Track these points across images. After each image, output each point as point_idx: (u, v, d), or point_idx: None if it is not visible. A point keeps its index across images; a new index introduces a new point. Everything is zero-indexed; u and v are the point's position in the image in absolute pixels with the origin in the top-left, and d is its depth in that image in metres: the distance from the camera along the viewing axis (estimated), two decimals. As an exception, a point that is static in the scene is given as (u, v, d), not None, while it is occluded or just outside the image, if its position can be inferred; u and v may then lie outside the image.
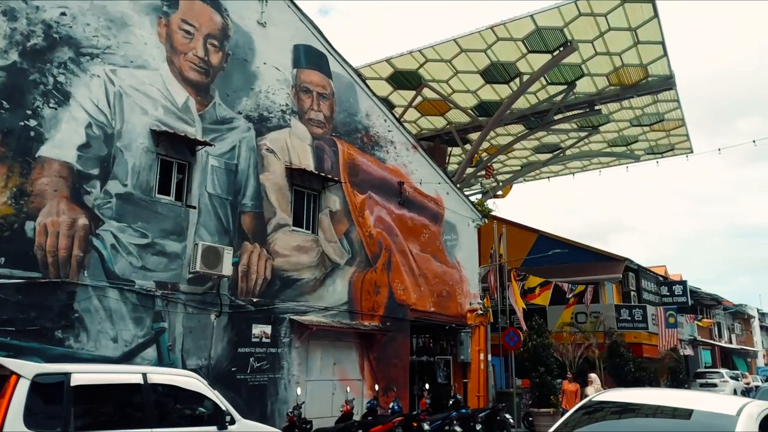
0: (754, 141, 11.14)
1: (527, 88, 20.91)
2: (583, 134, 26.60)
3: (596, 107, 22.90)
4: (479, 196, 27.92)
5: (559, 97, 22.66)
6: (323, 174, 13.56)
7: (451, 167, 28.05)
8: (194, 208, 10.97)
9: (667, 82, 21.33)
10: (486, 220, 19.60)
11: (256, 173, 12.25)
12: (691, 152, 29.53)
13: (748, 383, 32.91)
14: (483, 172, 26.09)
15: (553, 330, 21.36)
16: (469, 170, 25.67)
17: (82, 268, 9.16)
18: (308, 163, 13.43)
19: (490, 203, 26.44)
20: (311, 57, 14.01)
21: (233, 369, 11.13)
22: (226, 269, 10.72)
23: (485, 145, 27.49)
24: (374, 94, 16.07)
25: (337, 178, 13.94)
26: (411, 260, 16.08)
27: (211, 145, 11.27)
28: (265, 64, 12.78)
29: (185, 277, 10.57)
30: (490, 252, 20.80)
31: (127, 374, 6.77)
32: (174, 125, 10.78)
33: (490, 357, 17.86)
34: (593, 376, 10.80)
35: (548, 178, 34.08)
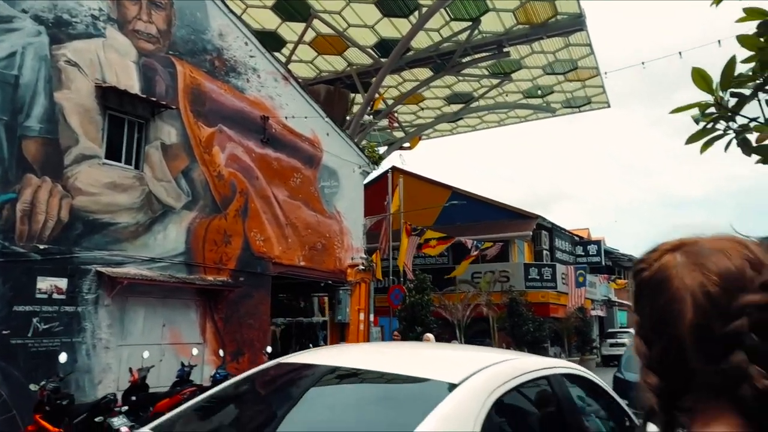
0: (642, 63, 9.52)
1: (426, 22, 18.85)
2: (495, 81, 24.92)
3: (505, 49, 21.15)
4: (385, 147, 25.95)
5: (464, 36, 20.75)
6: (153, 99, 11.17)
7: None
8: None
9: (577, 22, 19.76)
10: (376, 167, 17.68)
11: (49, 90, 9.73)
12: (608, 106, 28.55)
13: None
14: (386, 121, 24.07)
15: (456, 287, 19.96)
16: (370, 118, 23.62)
17: None
18: (131, 84, 10.99)
19: (396, 155, 24.61)
20: (137, -47, 11.43)
21: (5, 332, 8.83)
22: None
23: (393, 92, 25.47)
24: (232, 11, 13.63)
25: (172, 105, 11.57)
26: (276, 207, 13.99)
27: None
28: (64, -48, 10.17)
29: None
30: (384, 204, 19.00)
31: None
32: None
33: (372, 316, 16.16)
34: (429, 335, 9.23)
35: (466, 132, 32.54)
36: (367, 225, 16.80)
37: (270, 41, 20.16)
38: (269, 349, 11.98)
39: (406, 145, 26.18)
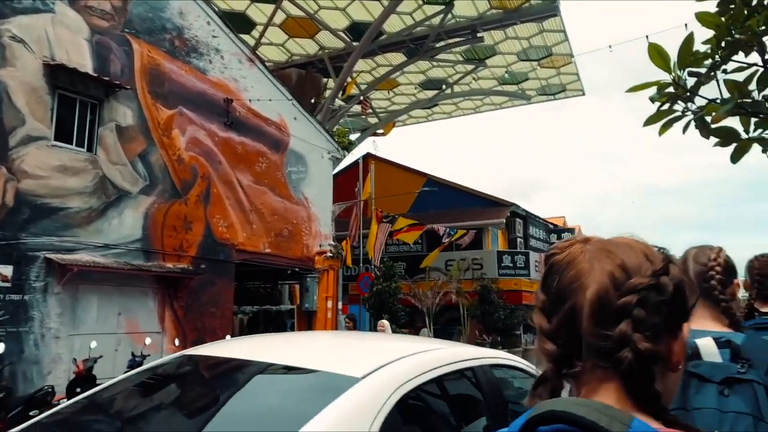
0: (610, 46, 9.34)
1: (398, 5, 18.48)
2: (469, 67, 24.65)
3: (479, 34, 20.88)
4: (358, 134, 25.59)
5: (437, 20, 20.42)
6: (106, 78, 10.70)
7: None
8: None
9: (551, 7, 19.55)
10: (346, 153, 17.35)
11: (-9, 67, 9.25)
12: (583, 94, 28.46)
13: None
14: (359, 107, 23.68)
15: (427, 275, 19.78)
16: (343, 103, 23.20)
17: None
18: (83, 62, 10.51)
19: (370, 141, 24.27)
20: (90, -75, 10.90)
21: (-56, 322, 8.42)
22: None
23: (367, 78, 25.08)
24: (193, -11, 13.13)
25: (128, 86, 11.11)
26: (240, 192, 13.62)
27: None
28: None
29: None
30: (355, 190, 18.70)
31: None
32: None
33: (341, 304, 15.92)
34: (384, 322, 9.01)
35: (442, 119, 32.29)
36: (335, 211, 16.50)
37: (239, 23, 19.64)
38: (228, 338, 11.67)
39: (380, 131, 25.84)
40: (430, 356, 2.42)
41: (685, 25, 8.74)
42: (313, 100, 19.89)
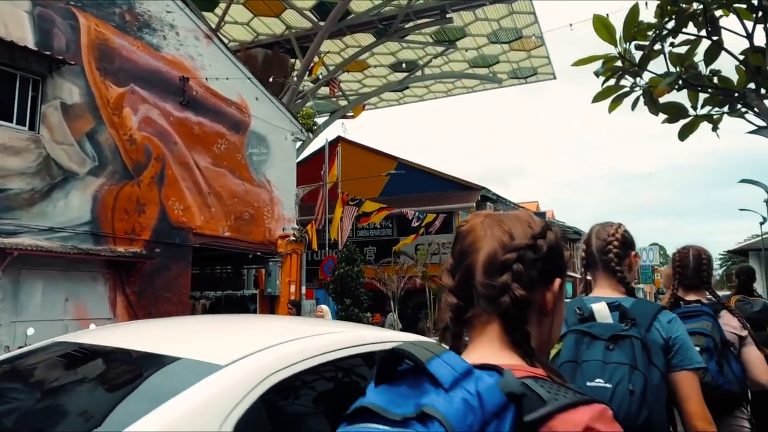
0: (570, 24, 9.15)
1: (364, -17, 18.08)
2: (440, 49, 24.34)
3: (448, 15, 20.56)
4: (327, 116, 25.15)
5: None
6: (48, 53, 10.17)
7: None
8: None
9: (519, -13, 19.33)
10: (311, 135, 16.97)
11: None
12: (554, 77, 28.41)
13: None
14: (327, 89, 23.20)
15: (392, 258, 19.57)
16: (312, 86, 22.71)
17: None
18: (23, 36, 9.96)
19: (339, 123, 23.86)
20: None
21: None
22: None
23: (336, 59, 24.60)
24: (145, -39, 12.56)
25: (72, 61, 10.59)
26: (197, 174, 13.20)
27: None
28: None
29: None
30: (321, 173, 18.35)
31: None
32: None
33: (304, 289, 15.64)
34: (323, 308, 8.75)
35: (414, 102, 32.00)
36: (299, 195, 16.15)
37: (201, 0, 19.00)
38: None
39: (350, 114, 25.44)
40: (318, 341, 2.16)
41: (646, 3, 8.54)
42: (278, 80, 19.39)
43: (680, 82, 4.89)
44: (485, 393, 0.82)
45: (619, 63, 5.60)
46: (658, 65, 5.59)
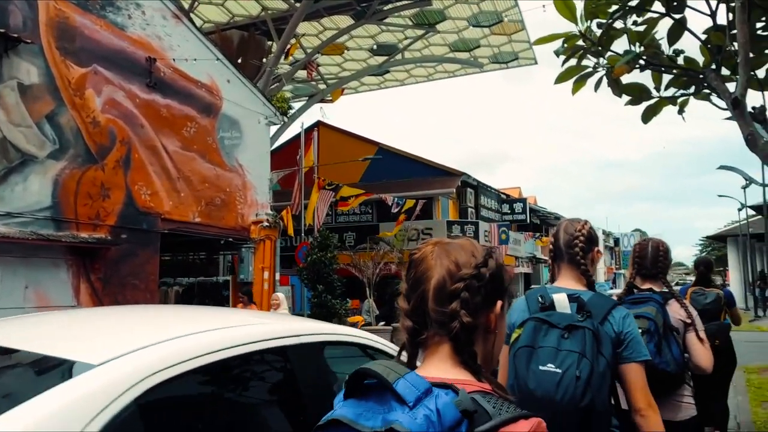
0: (543, 6, 8.93)
1: (340, -37, 17.68)
2: (420, 32, 24.01)
3: (427, -3, 20.24)
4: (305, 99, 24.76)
5: (383, -19, 19.68)
6: (3, 31, 9.74)
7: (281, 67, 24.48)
8: None
9: (498, -31, 19.03)
10: (285, 119, 16.64)
11: None
12: (535, 63, 28.22)
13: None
14: (305, 72, 22.80)
15: (368, 244, 19.39)
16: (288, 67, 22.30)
17: None
18: (-24, 13, 9.54)
19: (317, 108, 23.49)
20: None
21: None
22: None
23: (314, 41, 24.18)
24: (109, -64, 12.09)
25: (29, 40, 10.17)
26: (165, 158, 12.84)
27: None
28: None
29: None
30: (297, 158, 18.04)
31: None
32: None
33: (278, 275, 15.41)
34: (279, 296, 8.56)
35: (395, 86, 31.67)
36: (273, 179, 15.86)
37: (173, -21, 18.45)
38: None
39: (329, 98, 25.08)
40: (213, 337, 1.97)
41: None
42: (253, 63, 18.98)
43: (641, 61, 4.71)
44: (443, 410, 0.96)
45: (580, 42, 5.40)
46: (626, 45, 5.39)
